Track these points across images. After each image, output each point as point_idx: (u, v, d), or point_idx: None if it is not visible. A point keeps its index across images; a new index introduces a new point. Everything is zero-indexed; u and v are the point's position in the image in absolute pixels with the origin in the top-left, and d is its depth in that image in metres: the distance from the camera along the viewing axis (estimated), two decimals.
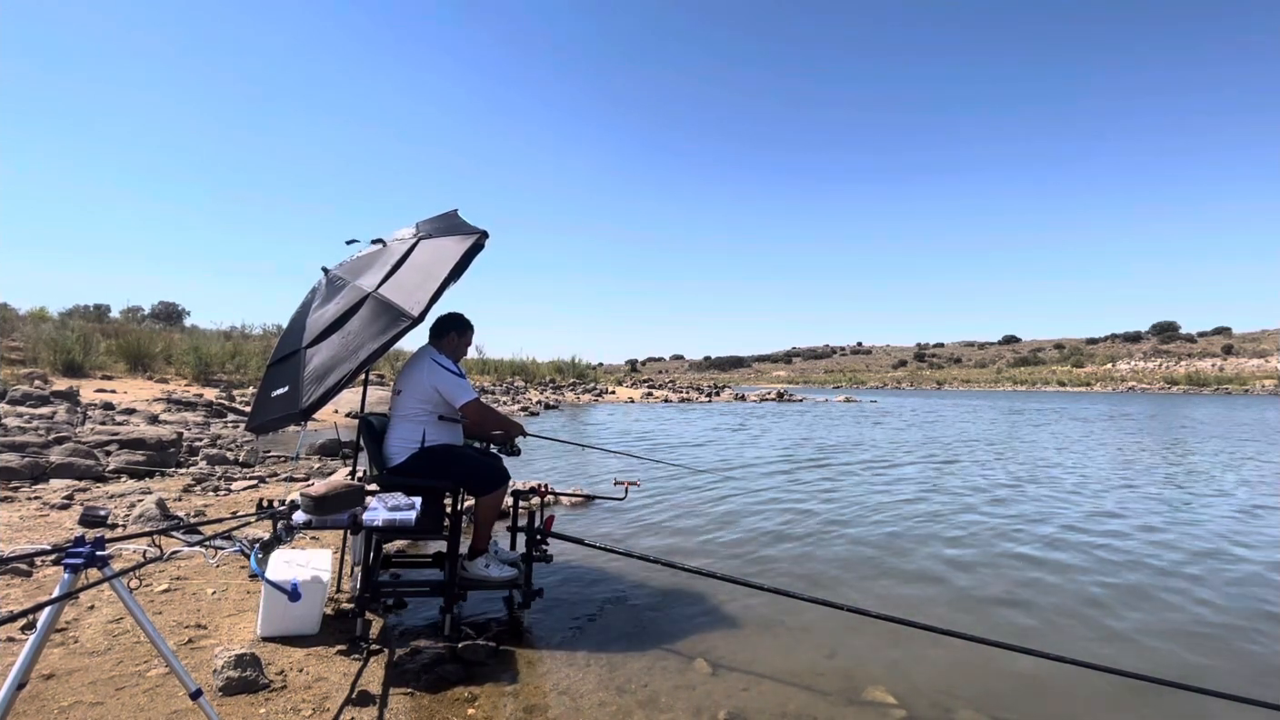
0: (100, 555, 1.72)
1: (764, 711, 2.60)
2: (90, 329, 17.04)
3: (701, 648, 3.16)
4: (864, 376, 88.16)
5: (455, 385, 3.32)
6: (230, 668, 2.43)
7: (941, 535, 5.46)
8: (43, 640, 1.73)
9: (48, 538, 4.09)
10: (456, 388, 3.31)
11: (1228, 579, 4.40)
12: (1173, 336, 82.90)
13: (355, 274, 3.53)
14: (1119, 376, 66.21)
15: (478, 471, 3.38)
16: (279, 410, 3.14)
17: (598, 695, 2.69)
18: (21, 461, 5.89)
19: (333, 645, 2.85)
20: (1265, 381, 54.76)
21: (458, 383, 3.33)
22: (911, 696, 2.74)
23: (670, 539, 5.24)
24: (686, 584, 4.05)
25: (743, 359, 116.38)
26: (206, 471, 6.87)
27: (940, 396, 45.18)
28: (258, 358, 17.82)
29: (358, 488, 2.87)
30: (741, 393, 37.81)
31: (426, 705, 2.54)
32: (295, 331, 3.51)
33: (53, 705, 2.25)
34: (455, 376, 3.35)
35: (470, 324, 3.61)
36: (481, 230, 3.36)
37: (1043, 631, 3.49)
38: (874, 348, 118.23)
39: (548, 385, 29.34)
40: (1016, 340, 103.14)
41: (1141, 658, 3.17)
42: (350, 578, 3.60)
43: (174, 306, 29.00)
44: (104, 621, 2.92)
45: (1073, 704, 2.76)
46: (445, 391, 3.32)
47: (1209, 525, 5.90)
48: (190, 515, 4.86)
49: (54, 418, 8.94)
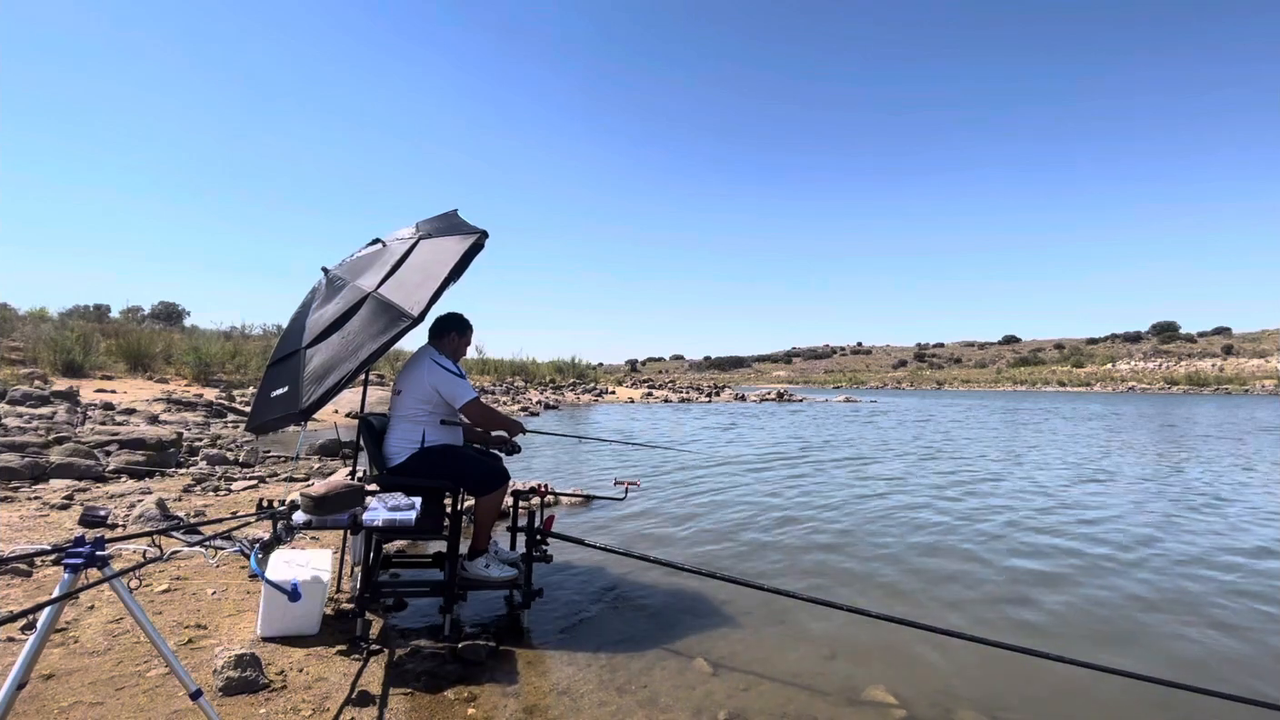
0: (100, 555, 1.72)
1: (764, 711, 2.60)
2: (90, 329, 17.03)
3: (701, 648, 3.16)
4: (864, 376, 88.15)
5: (455, 385, 3.31)
6: (230, 668, 2.43)
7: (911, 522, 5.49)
8: (43, 640, 1.73)
9: (48, 538, 4.09)
10: (457, 387, 3.31)
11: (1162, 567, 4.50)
12: (1173, 336, 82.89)
13: (355, 274, 3.53)
14: (1119, 377, 66.21)
15: (478, 471, 3.38)
16: (279, 410, 3.14)
17: (598, 695, 2.69)
18: (21, 461, 5.89)
19: (333, 645, 2.85)
20: (1265, 381, 54.77)
21: (458, 382, 3.32)
22: (911, 696, 2.74)
23: (670, 539, 5.24)
24: (686, 584, 4.05)
25: (743, 359, 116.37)
26: (206, 471, 6.87)
27: (940, 397, 45.18)
28: (258, 358, 17.82)
29: (358, 488, 2.87)
30: (741, 393, 37.81)
31: (426, 705, 2.54)
32: (295, 332, 3.51)
33: (53, 705, 2.25)
34: (455, 376, 3.34)
35: (470, 324, 3.61)
36: (481, 230, 3.37)
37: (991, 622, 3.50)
38: (874, 348, 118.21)
39: (548, 385, 29.33)
40: (1016, 340, 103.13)
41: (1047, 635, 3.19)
42: (350, 578, 3.60)
43: (174, 306, 29.00)
44: (104, 621, 2.92)
45: (1073, 704, 2.76)
46: (445, 391, 3.32)
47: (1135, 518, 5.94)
48: (190, 515, 4.86)
49: (54, 418, 8.94)
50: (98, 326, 18.45)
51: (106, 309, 24.42)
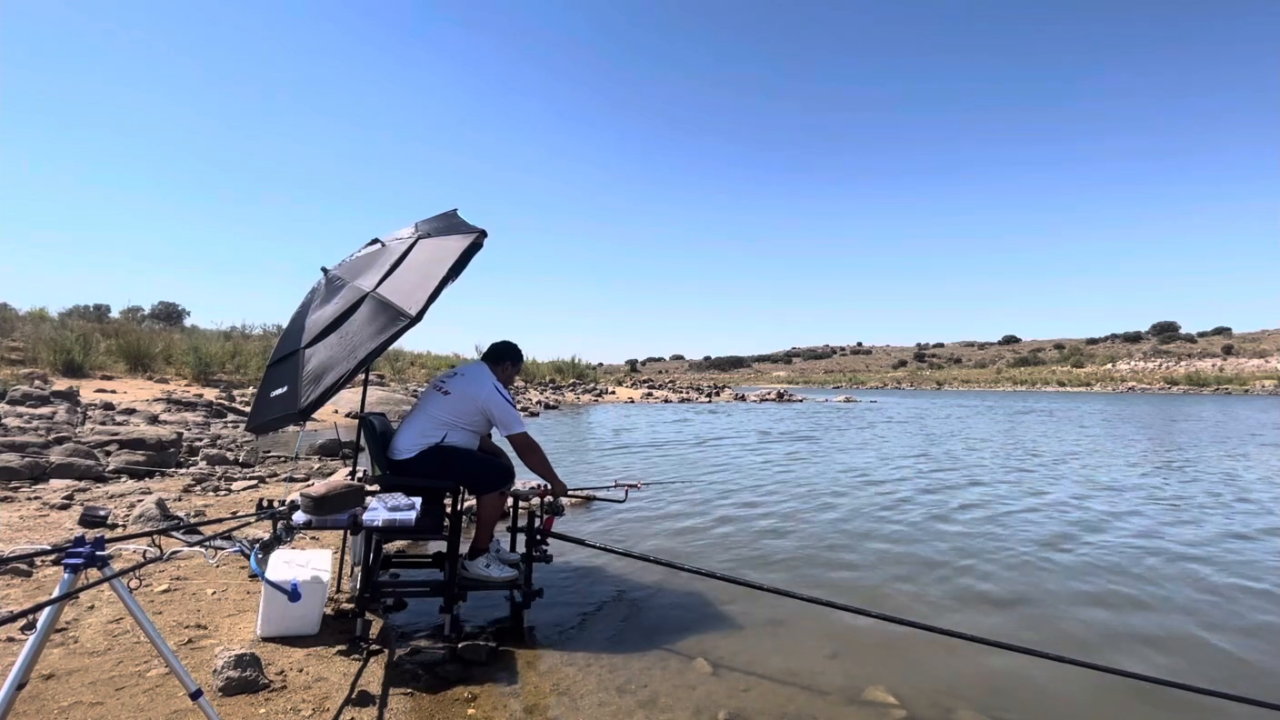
0: (100, 555, 1.71)
1: (764, 711, 2.60)
2: (90, 329, 17.02)
3: (701, 648, 3.16)
4: (864, 377, 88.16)
5: (510, 415, 3.41)
6: (230, 668, 2.43)
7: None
8: (43, 640, 1.73)
9: (48, 538, 4.09)
10: (510, 417, 3.41)
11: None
12: (1173, 336, 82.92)
13: (354, 274, 3.53)
14: (1119, 377, 66.18)
15: (482, 468, 3.40)
16: (278, 410, 3.14)
17: (598, 695, 2.69)
18: (21, 461, 5.89)
19: (333, 645, 2.85)
20: (1265, 381, 54.74)
21: (512, 413, 3.42)
22: (911, 696, 2.74)
23: (670, 539, 5.24)
24: (686, 584, 4.05)
25: (743, 359, 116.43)
26: (206, 471, 6.87)
27: (939, 397, 45.17)
28: (258, 358, 17.81)
29: (358, 488, 2.87)
30: (741, 393, 37.81)
31: (426, 705, 2.54)
32: (294, 332, 3.51)
33: (53, 705, 2.24)
34: (511, 407, 3.44)
35: (523, 356, 3.88)
36: (480, 229, 3.36)
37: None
38: (874, 348, 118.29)
39: (548, 385, 29.34)
40: (1016, 340, 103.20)
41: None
42: (350, 578, 3.60)
43: (174, 306, 29.00)
44: (104, 621, 2.92)
45: (1073, 704, 2.75)
46: (497, 418, 3.42)
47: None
48: (190, 515, 4.86)
49: (54, 418, 8.94)
50: (98, 326, 18.44)
51: (106, 309, 24.42)
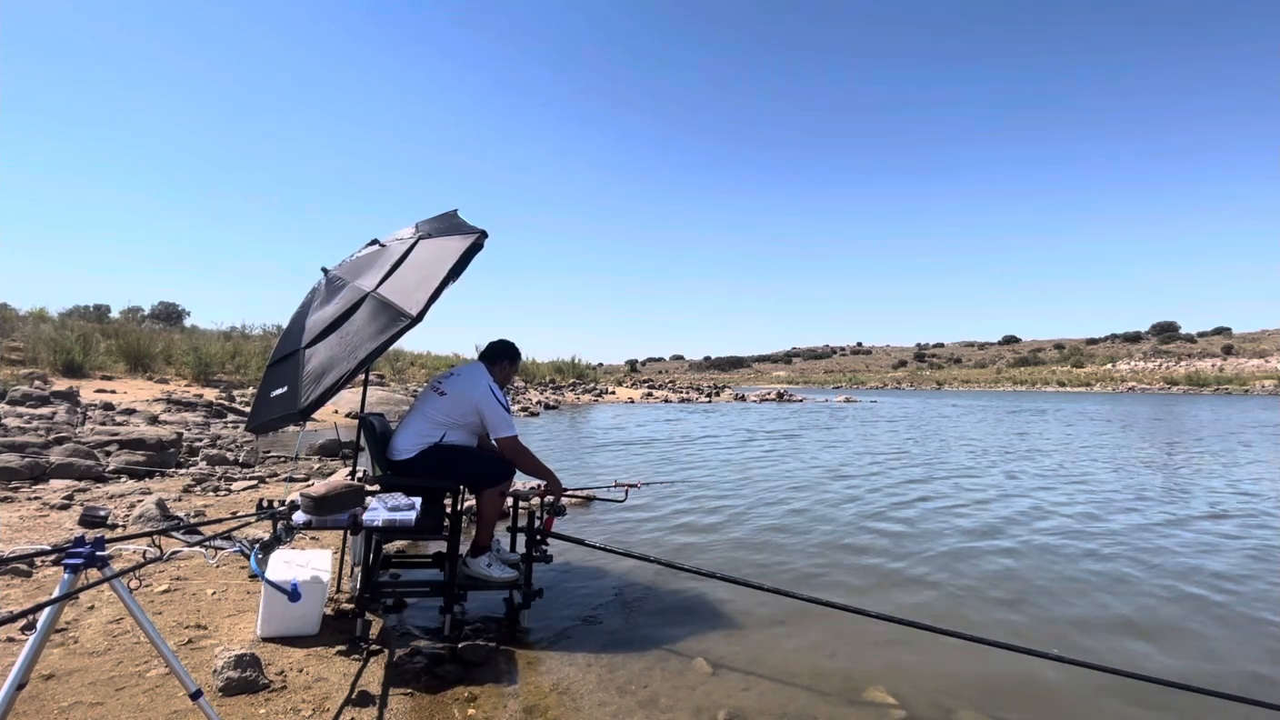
0: (100, 555, 1.71)
1: (764, 711, 2.60)
2: (90, 329, 17.02)
3: (701, 648, 3.16)
4: (864, 377, 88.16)
5: (500, 418, 3.37)
6: (230, 668, 2.43)
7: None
8: (43, 640, 1.73)
9: (48, 538, 4.09)
10: (501, 421, 3.37)
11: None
12: (1173, 337, 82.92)
13: (354, 274, 3.53)
14: (1119, 377, 66.18)
15: (483, 465, 3.40)
16: (278, 410, 3.14)
17: (598, 695, 2.69)
18: (21, 461, 5.89)
19: (333, 645, 2.85)
20: (1265, 382, 54.74)
21: (504, 416, 3.38)
22: (911, 696, 2.74)
23: (670, 539, 5.23)
24: (686, 584, 4.05)
25: (743, 359, 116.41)
26: (206, 472, 6.87)
27: (938, 397, 45.16)
28: (258, 358, 17.81)
29: (358, 488, 2.87)
30: (741, 393, 37.81)
31: (426, 705, 2.54)
32: (295, 332, 3.51)
33: (53, 705, 2.24)
34: (503, 410, 3.40)
35: (520, 355, 3.81)
36: (480, 230, 3.36)
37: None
38: (874, 348, 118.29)
39: (548, 385, 29.33)
40: (1016, 340, 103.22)
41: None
42: (350, 578, 3.60)
43: (174, 306, 29.02)
44: (104, 621, 2.92)
45: (1073, 704, 2.75)
46: (489, 420, 3.38)
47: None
48: (190, 515, 4.86)
49: (54, 418, 8.94)
50: (98, 327, 18.44)
51: (106, 309, 24.43)
